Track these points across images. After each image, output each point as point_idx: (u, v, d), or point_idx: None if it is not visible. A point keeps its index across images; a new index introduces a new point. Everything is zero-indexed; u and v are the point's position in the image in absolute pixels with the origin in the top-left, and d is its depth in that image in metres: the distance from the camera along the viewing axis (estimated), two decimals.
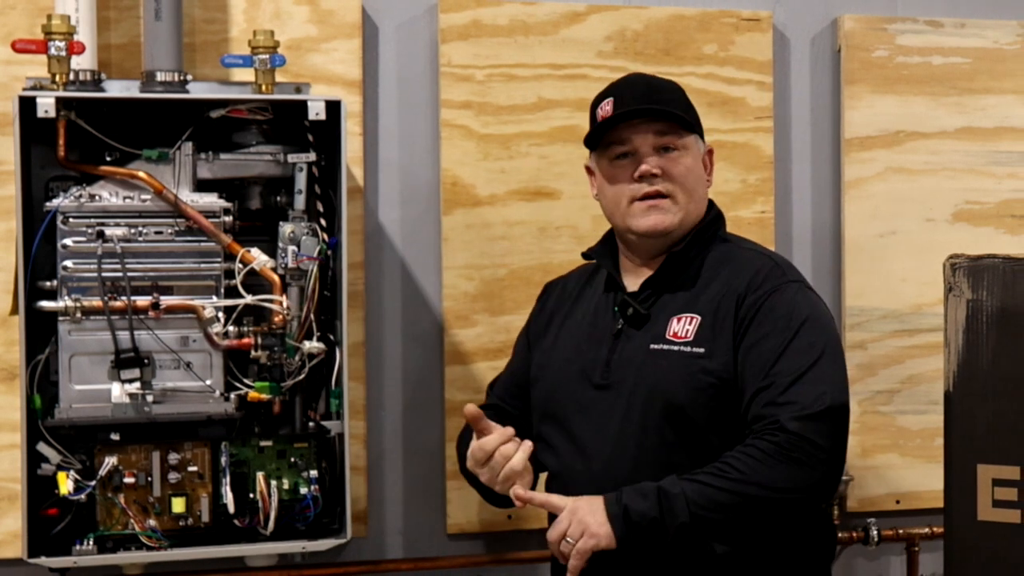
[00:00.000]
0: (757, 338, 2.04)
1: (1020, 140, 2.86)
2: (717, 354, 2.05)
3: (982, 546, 1.94)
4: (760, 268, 2.12)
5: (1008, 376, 1.92)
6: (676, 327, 2.08)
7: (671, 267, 2.14)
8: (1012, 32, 2.84)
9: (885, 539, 2.78)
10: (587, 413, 2.11)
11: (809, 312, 2.07)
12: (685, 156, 2.12)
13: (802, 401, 1.98)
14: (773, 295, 2.07)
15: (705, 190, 2.18)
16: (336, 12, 2.54)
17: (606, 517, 1.97)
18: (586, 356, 2.15)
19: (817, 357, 2.02)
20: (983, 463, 1.94)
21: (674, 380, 2.05)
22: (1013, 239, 2.84)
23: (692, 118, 2.15)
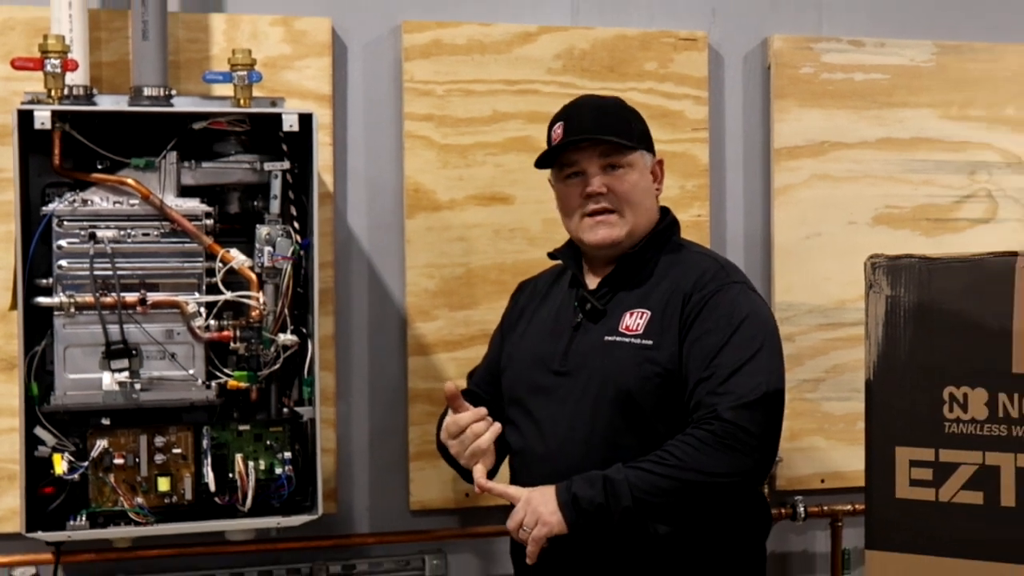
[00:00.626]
0: (701, 333, 2.12)
1: (935, 150, 2.93)
2: (664, 346, 2.14)
3: (900, 521, 1.98)
4: (706, 270, 2.20)
5: (923, 366, 1.98)
6: (628, 321, 2.17)
7: (625, 268, 2.23)
8: (927, 51, 2.92)
9: (811, 515, 2.85)
10: (547, 396, 2.20)
11: (750, 310, 2.15)
12: (630, 173, 2.20)
13: (739, 391, 2.06)
14: (717, 294, 2.15)
15: (653, 200, 2.26)
16: (308, 32, 2.60)
17: (557, 506, 2.04)
18: (548, 346, 2.24)
19: (755, 351, 2.10)
20: (901, 445, 2.00)
21: (625, 369, 2.14)
22: (928, 240, 2.90)
23: (635, 136, 2.23)
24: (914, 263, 1.99)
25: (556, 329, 2.25)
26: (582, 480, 2.06)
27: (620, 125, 2.22)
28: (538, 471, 2.17)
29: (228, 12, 2.60)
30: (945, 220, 2.95)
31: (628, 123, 2.23)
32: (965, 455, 1.95)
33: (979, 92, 2.95)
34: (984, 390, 1.93)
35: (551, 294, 2.34)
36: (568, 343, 2.21)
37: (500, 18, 2.73)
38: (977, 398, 1.94)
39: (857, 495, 2.58)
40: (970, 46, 2.96)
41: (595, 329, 2.20)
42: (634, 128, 2.24)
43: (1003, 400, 1.91)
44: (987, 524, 1.92)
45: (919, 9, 2.97)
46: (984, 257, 1.94)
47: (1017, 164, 2.97)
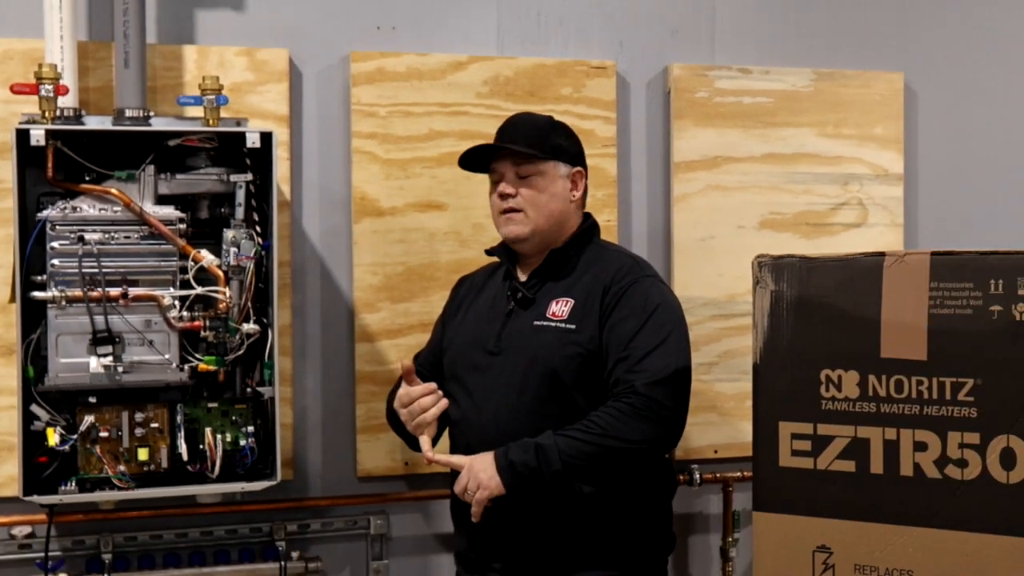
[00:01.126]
0: (619, 319, 2.26)
1: (813, 164, 3.04)
2: (585, 330, 2.27)
3: (783, 487, 2.10)
4: (623, 265, 2.33)
5: (803, 351, 2.09)
6: (554, 308, 2.31)
7: (552, 262, 2.36)
8: (806, 77, 3.04)
9: (706, 481, 2.96)
10: (482, 373, 2.32)
11: (661, 300, 2.29)
12: (538, 180, 2.33)
13: (652, 369, 2.19)
14: (633, 286, 2.28)
15: (565, 203, 2.36)
16: (268, 62, 2.67)
17: (495, 470, 2.16)
18: (484, 330, 2.35)
19: (666, 335, 2.24)
20: (783, 420, 2.10)
21: (551, 349, 2.27)
22: (807, 242, 3.02)
23: (549, 149, 2.34)
24: (795, 262, 2.11)
25: (491, 315, 2.36)
26: (517, 447, 2.17)
27: (535, 139, 2.34)
28: (475, 438, 2.29)
29: (199, 44, 2.65)
30: (822, 225, 3.05)
31: (544, 138, 2.35)
32: (839, 429, 2.07)
33: (851, 113, 3.06)
34: (856, 372, 2.06)
35: (486, 286, 2.44)
36: (501, 327, 2.33)
37: (435, 49, 2.80)
38: (850, 379, 2.07)
39: (746, 464, 2.62)
40: (843, 73, 3.07)
41: (525, 315, 2.32)
42: (550, 143, 2.35)
43: (872, 381, 2.05)
44: (858, 489, 2.04)
45: (799, 41, 3.07)
46: (856, 257, 2.06)
47: (884, 176, 3.09)
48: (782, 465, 2.12)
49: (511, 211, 2.35)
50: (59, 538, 2.60)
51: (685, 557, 3.07)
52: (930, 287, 2.03)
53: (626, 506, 2.30)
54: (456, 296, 2.53)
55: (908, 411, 2.05)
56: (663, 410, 2.20)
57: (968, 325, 2.00)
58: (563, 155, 2.38)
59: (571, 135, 2.43)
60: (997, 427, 1.99)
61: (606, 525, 2.28)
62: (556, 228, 2.37)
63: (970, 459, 2.00)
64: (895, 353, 2.05)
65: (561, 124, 2.44)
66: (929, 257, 2.03)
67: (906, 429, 2.05)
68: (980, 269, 2.00)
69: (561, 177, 2.37)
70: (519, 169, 2.35)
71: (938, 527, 2.01)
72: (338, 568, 2.82)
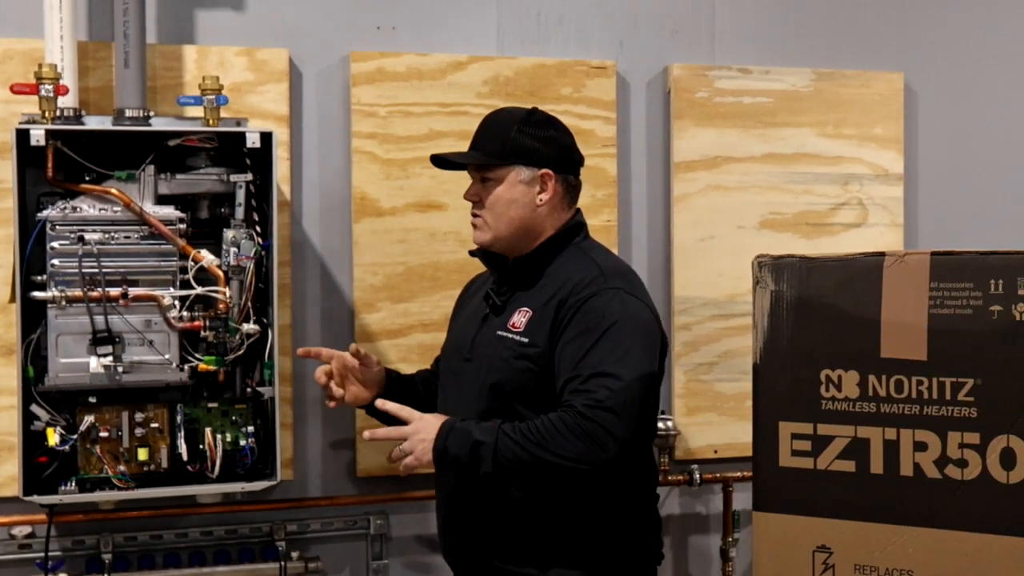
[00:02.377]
0: (572, 335, 2.13)
1: (813, 164, 3.04)
2: (538, 344, 2.17)
3: (783, 487, 2.10)
4: (585, 276, 2.18)
5: (803, 351, 2.10)
6: (515, 318, 2.22)
7: (517, 270, 2.27)
8: (806, 77, 3.04)
9: (706, 481, 2.97)
10: (456, 379, 2.30)
11: (620, 316, 2.13)
12: (495, 186, 2.23)
13: (598, 394, 2.07)
14: (590, 299, 2.14)
15: (525, 211, 2.23)
16: (268, 62, 2.67)
17: (431, 447, 2.11)
18: (464, 335, 2.32)
19: (621, 354, 2.10)
20: (783, 420, 2.10)
21: (503, 362, 2.19)
22: (807, 242, 3.03)
23: (507, 154, 2.21)
24: (795, 262, 2.11)
25: (472, 320, 2.32)
26: (457, 436, 2.10)
27: (492, 143, 2.23)
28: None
29: (199, 44, 2.66)
30: (822, 225, 3.06)
31: (505, 140, 2.22)
32: (839, 429, 2.07)
33: (851, 113, 3.07)
34: (856, 372, 2.06)
35: (480, 290, 2.39)
36: (475, 333, 2.28)
37: (435, 49, 2.81)
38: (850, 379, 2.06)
39: (746, 464, 2.52)
40: (843, 73, 3.07)
41: (494, 322, 2.25)
42: (511, 145, 2.22)
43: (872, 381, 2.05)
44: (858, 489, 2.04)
45: (799, 41, 3.08)
46: (856, 257, 2.06)
47: (884, 176, 3.10)
48: (782, 465, 2.12)
49: (475, 216, 2.29)
50: (59, 538, 2.61)
51: (685, 557, 3.08)
52: (930, 287, 2.03)
53: (601, 508, 2.23)
54: (460, 298, 2.52)
55: (908, 411, 2.05)
56: (606, 436, 2.08)
57: (968, 325, 2.00)
58: (524, 157, 2.24)
59: (545, 133, 2.27)
60: (997, 427, 1.99)
61: (577, 526, 2.22)
62: (522, 234, 2.26)
63: (970, 459, 2.00)
64: (895, 353, 2.06)
65: (539, 120, 2.28)
66: (929, 257, 2.03)
67: (906, 429, 2.05)
68: (980, 269, 2.00)
69: (522, 182, 2.24)
70: (481, 174, 2.28)
71: (938, 527, 2.01)
72: (338, 568, 2.82)
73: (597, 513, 2.23)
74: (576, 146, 2.33)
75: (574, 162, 2.33)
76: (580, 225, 2.31)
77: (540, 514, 2.20)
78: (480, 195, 2.27)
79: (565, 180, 2.29)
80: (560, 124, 2.32)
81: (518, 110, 2.31)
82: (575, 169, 2.33)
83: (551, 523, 2.21)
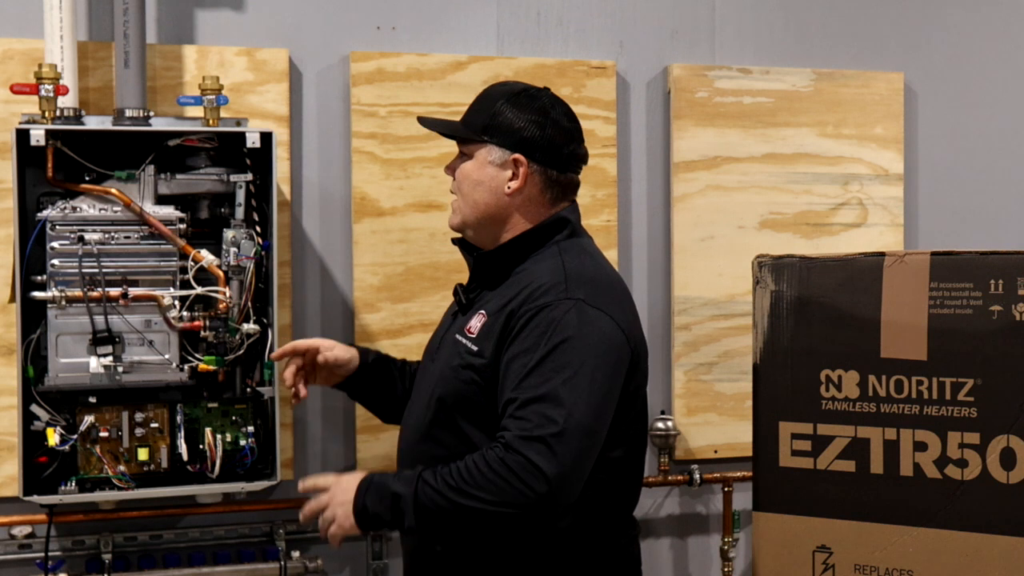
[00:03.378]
0: (518, 351, 1.89)
1: (813, 164, 3.03)
2: (484, 355, 1.95)
3: (783, 487, 2.17)
4: (545, 282, 1.94)
5: (803, 351, 2.15)
6: (472, 322, 2.00)
7: (480, 267, 2.07)
8: (806, 78, 3.03)
9: (706, 481, 2.95)
10: (421, 378, 2.15)
11: (573, 332, 1.87)
12: (464, 163, 2.04)
13: (533, 421, 1.82)
14: (543, 311, 1.90)
15: (491, 197, 2.01)
16: (268, 62, 2.65)
17: (351, 509, 1.91)
18: (437, 332, 2.19)
19: (567, 377, 1.84)
20: (783, 420, 2.17)
21: (451, 370, 1.99)
22: (807, 242, 3.02)
23: (481, 129, 1.99)
24: (795, 262, 2.17)
25: (447, 316, 2.20)
26: (376, 491, 1.91)
27: (476, 115, 2.03)
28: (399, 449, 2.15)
29: (199, 44, 2.65)
30: (822, 225, 3.05)
31: (484, 112, 2.02)
32: (839, 429, 2.12)
33: (851, 113, 3.05)
34: (856, 372, 2.10)
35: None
36: (444, 333, 2.12)
37: (435, 49, 2.80)
38: (850, 379, 2.11)
39: (746, 464, 2.60)
40: (843, 73, 3.06)
41: (458, 323, 2.07)
42: (487, 119, 2.01)
43: (872, 381, 2.09)
44: (858, 489, 2.09)
45: (799, 41, 3.07)
46: (856, 257, 2.12)
47: (884, 176, 3.08)
48: (782, 465, 2.15)
49: (453, 194, 2.10)
50: (59, 538, 2.60)
51: (685, 557, 3.08)
52: (930, 287, 2.04)
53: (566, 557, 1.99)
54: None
55: (908, 411, 2.06)
56: (532, 472, 1.80)
57: (968, 325, 2.01)
58: (499, 136, 1.99)
59: (532, 116, 2.01)
60: (997, 427, 1.99)
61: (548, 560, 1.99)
62: (488, 222, 2.03)
63: (970, 459, 2.01)
64: (895, 353, 2.06)
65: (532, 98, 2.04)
66: (929, 257, 2.04)
67: (906, 429, 2.06)
68: (980, 269, 2.00)
69: (492, 163, 2.01)
70: (460, 147, 2.08)
71: (938, 527, 2.02)
72: (338, 568, 2.81)
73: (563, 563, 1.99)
74: (573, 140, 2.07)
75: (562, 156, 2.04)
76: (562, 221, 2.04)
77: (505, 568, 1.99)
78: (454, 169, 2.08)
79: (544, 172, 2.02)
80: (560, 112, 2.06)
81: (522, 84, 2.09)
82: (564, 164, 2.05)
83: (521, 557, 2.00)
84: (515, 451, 1.82)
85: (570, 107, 2.11)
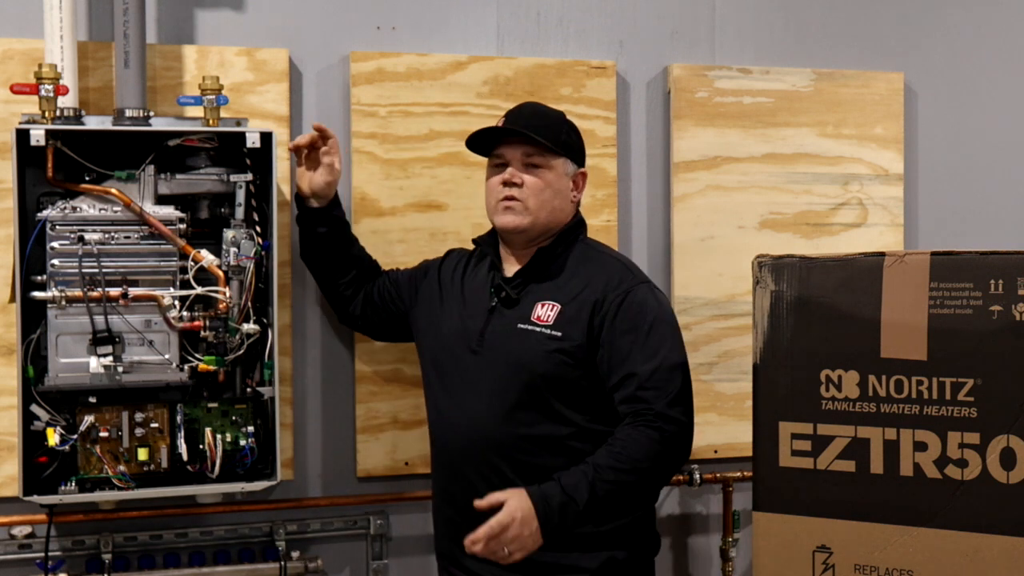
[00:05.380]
0: (620, 330, 2.21)
1: (813, 164, 3.03)
2: (572, 338, 2.23)
3: (783, 487, 2.17)
4: (615, 271, 2.29)
5: (803, 351, 2.15)
6: (540, 312, 2.27)
7: (540, 261, 2.31)
8: (806, 78, 3.03)
9: (706, 481, 2.97)
10: (464, 372, 2.30)
11: (657, 311, 2.25)
12: (546, 173, 2.31)
13: (665, 387, 2.18)
14: (628, 295, 2.24)
15: (565, 202, 2.35)
16: (268, 62, 2.66)
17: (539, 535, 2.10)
18: (466, 324, 2.31)
19: (669, 347, 2.22)
20: (783, 420, 2.17)
21: (534, 354, 2.24)
22: (807, 242, 3.02)
23: (561, 145, 2.31)
24: (795, 262, 2.17)
25: (475, 310, 2.33)
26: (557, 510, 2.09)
27: (549, 131, 2.30)
28: (453, 438, 2.32)
29: (199, 44, 2.65)
30: (822, 225, 3.05)
31: (558, 132, 2.32)
32: (839, 429, 2.11)
33: (851, 113, 3.05)
34: (856, 372, 2.10)
35: (470, 274, 2.41)
36: (484, 324, 2.29)
37: (435, 49, 2.80)
38: (850, 379, 2.11)
39: (746, 464, 2.63)
40: (843, 73, 3.06)
41: (508, 315, 2.28)
42: (562, 138, 2.32)
43: (872, 381, 2.09)
44: (858, 489, 2.09)
45: (799, 41, 3.08)
46: (856, 257, 2.12)
47: (884, 176, 3.08)
48: (782, 465, 2.15)
49: (511, 199, 2.31)
50: (59, 538, 2.60)
51: (685, 557, 3.08)
52: (930, 287, 2.04)
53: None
54: (442, 267, 2.50)
55: (908, 411, 2.06)
56: (684, 430, 2.21)
57: (968, 325, 2.01)
58: (572, 153, 2.37)
59: (579, 135, 2.42)
60: (997, 427, 1.99)
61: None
62: (553, 224, 2.35)
63: (970, 459, 2.01)
64: (895, 353, 2.06)
65: (571, 123, 2.43)
66: (929, 257, 2.04)
67: (906, 429, 2.06)
68: (980, 269, 2.00)
69: (567, 175, 2.35)
70: (529, 159, 2.32)
71: (938, 527, 2.02)
72: (338, 568, 2.81)
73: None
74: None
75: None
76: (584, 222, 2.43)
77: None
78: (523, 178, 2.31)
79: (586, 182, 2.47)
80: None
81: (554, 109, 2.43)
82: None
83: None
84: (668, 418, 2.17)
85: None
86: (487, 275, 2.38)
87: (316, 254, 2.53)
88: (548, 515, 2.10)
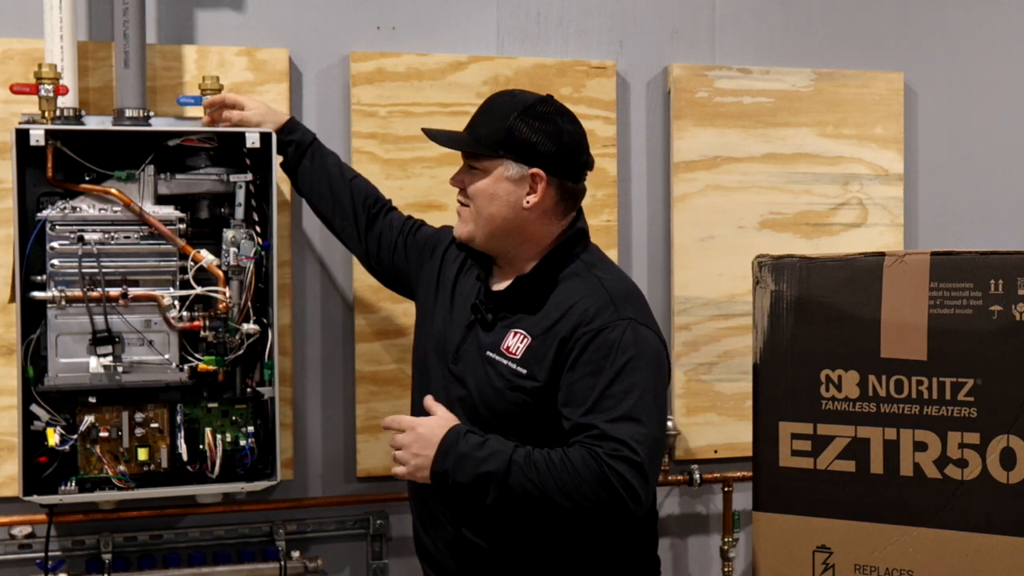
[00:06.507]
0: (583, 373, 1.95)
1: (813, 164, 3.03)
2: (536, 378, 2.00)
3: (782, 486, 2.18)
4: (592, 303, 1.99)
5: (803, 351, 2.16)
6: (510, 342, 2.04)
7: (518, 289, 2.08)
8: (806, 78, 3.04)
9: (706, 481, 2.96)
10: (440, 383, 2.15)
11: (634, 352, 1.95)
12: (480, 177, 2.05)
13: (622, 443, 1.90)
14: (601, 333, 1.96)
15: (510, 211, 2.04)
16: (268, 62, 2.66)
17: (429, 468, 1.97)
18: (447, 333, 2.16)
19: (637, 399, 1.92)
20: (783, 420, 2.18)
21: (494, 390, 2.04)
22: (807, 242, 3.02)
23: (496, 144, 2.01)
24: (795, 262, 2.17)
25: (458, 317, 2.16)
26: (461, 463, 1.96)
27: (487, 128, 2.05)
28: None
29: (199, 44, 2.65)
30: (822, 225, 3.05)
31: (500, 128, 2.03)
32: (839, 429, 2.12)
33: (851, 113, 3.06)
34: (856, 372, 2.11)
35: (464, 274, 2.23)
36: (461, 340, 2.12)
37: (435, 49, 2.81)
38: (850, 379, 2.12)
39: (746, 464, 2.61)
40: (843, 73, 3.07)
41: (483, 337, 2.08)
42: (505, 135, 2.02)
43: (872, 381, 2.10)
44: (858, 489, 2.10)
45: (799, 41, 3.08)
46: (856, 257, 2.13)
47: (884, 176, 3.09)
48: (782, 465, 2.16)
49: (460, 205, 2.13)
50: (59, 538, 2.60)
51: (685, 557, 3.09)
52: (930, 287, 2.05)
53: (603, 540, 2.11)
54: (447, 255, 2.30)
55: (908, 411, 2.07)
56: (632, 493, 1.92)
57: (968, 325, 2.02)
58: (516, 151, 2.02)
59: (548, 127, 2.05)
60: (997, 427, 2.00)
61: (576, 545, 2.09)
62: (508, 238, 2.08)
63: (970, 459, 2.02)
64: (895, 353, 2.07)
65: (546, 111, 2.07)
66: (929, 257, 2.05)
67: (906, 429, 2.07)
68: (980, 269, 2.01)
69: (509, 179, 2.03)
70: (469, 161, 2.10)
71: (938, 527, 2.03)
72: (338, 568, 2.82)
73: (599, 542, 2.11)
74: (585, 147, 2.12)
75: (577, 165, 2.10)
76: (581, 233, 2.12)
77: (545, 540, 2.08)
78: (465, 183, 2.10)
79: (561, 185, 2.06)
80: (571, 120, 2.10)
81: (528, 95, 2.09)
82: (577, 174, 2.10)
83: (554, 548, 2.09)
84: (613, 469, 1.89)
85: (573, 112, 2.16)
86: (475, 283, 2.18)
87: (299, 188, 2.47)
88: (447, 456, 1.97)
